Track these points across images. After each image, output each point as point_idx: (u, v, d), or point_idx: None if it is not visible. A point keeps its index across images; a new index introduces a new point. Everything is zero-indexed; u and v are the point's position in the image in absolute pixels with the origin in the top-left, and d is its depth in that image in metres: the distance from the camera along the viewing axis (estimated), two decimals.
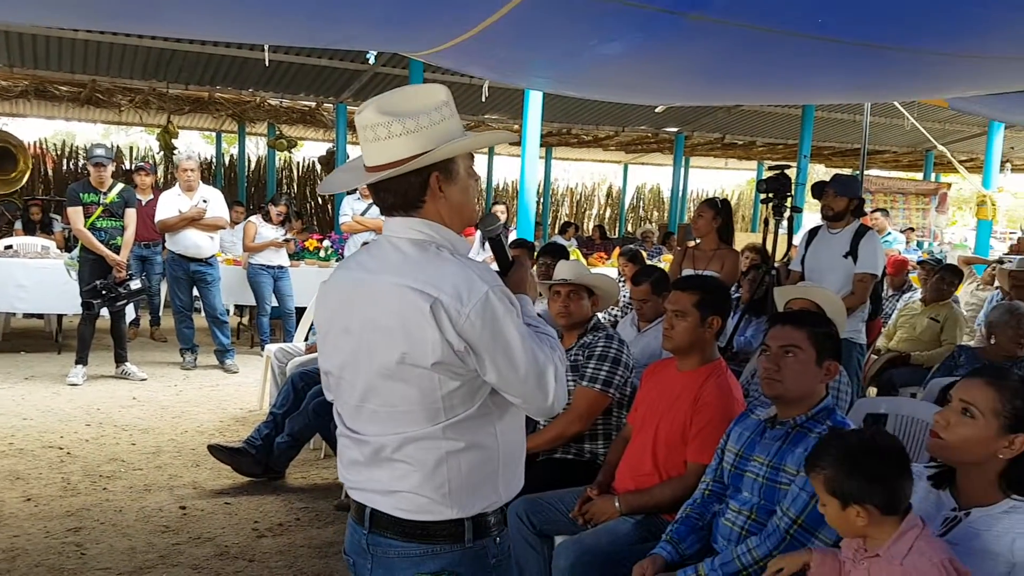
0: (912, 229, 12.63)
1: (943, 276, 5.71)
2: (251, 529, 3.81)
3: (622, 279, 6.53)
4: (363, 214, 7.35)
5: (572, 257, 7.87)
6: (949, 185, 14.54)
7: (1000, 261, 7.95)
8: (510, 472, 1.67)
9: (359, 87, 10.28)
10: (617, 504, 2.61)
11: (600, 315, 3.83)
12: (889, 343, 5.82)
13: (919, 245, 12.52)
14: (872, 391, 5.58)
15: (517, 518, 2.75)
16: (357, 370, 1.62)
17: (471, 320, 1.49)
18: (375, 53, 7.91)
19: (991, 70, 4.64)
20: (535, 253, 5.56)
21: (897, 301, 6.62)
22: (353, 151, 16.20)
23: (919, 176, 16.11)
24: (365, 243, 6.02)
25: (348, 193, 7.58)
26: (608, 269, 8.46)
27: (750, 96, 7.98)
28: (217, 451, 4.44)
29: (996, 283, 6.77)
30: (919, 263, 7.67)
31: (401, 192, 1.59)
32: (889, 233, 9.64)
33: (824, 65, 4.73)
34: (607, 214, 20.12)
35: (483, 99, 8.51)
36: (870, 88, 6.54)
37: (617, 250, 9.27)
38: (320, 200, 16.91)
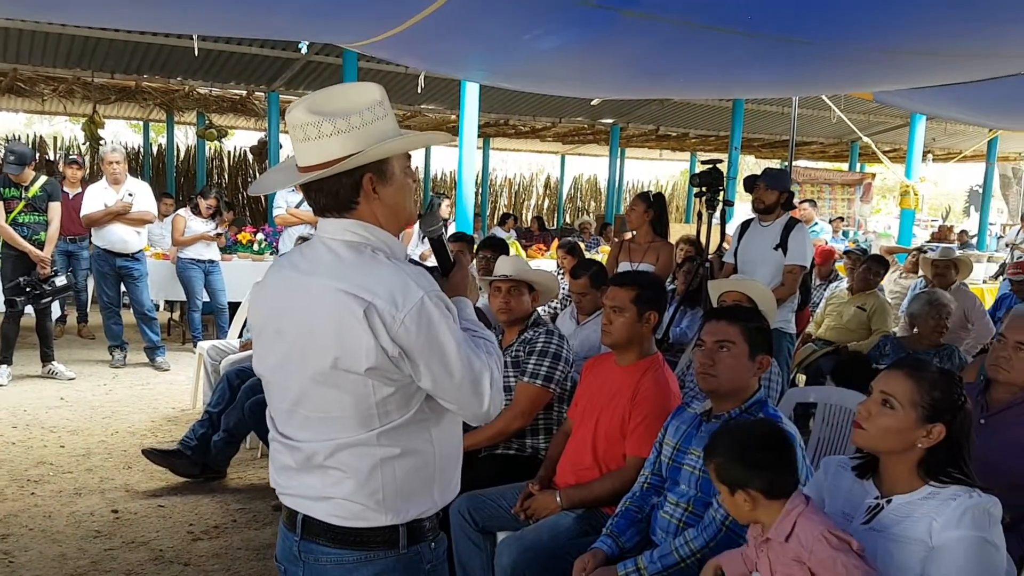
0: (840, 219, 13.04)
1: (869, 266, 5.91)
2: (186, 532, 3.74)
3: (561, 271, 6.58)
4: (298, 207, 7.23)
5: (512, 250, 7.92)
6: (873, 175, 15.06)
7: (921, 250, 8.28)
8: (446, 477, 1.67)
9: (291, 75, 10.09)
10: (558, 499, 2.65)
11: (540, 308, 3.86)
12: (817, 331, 6.01)
13: (845, 234, 12.94)
14: (802, 378, 5.76)
15: (459, 515, 2.77)
16: (289, 374, 1.60)
17: (406, 326, 1.48)
18: (307, 43, 7.77)
19: (915, 65, 4.82)
20: (475, 247, 5.56)
21: (824, 290, 6.83)
22: (286, 140, 15.94)
23: (844, 167, 16.63)
24: (301, 237, 5.88)
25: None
26: (547, 261, 8.53)
27: (683, 91, 8.13)
28: (152, 455, 4.33)
29: (920, 271, 7.04)
30: (845, 253, 7.92)
31: (333, 193, 1.56)
32: (816, 223, 9.95)
33: (754, 60, 4.85)
34: (545, 204, 20.22)
35: (419, 90, 8.44)
36: (799, 83, 6.72)
37: (556, 241, 9.34)
38: None
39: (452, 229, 6.93)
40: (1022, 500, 2.31)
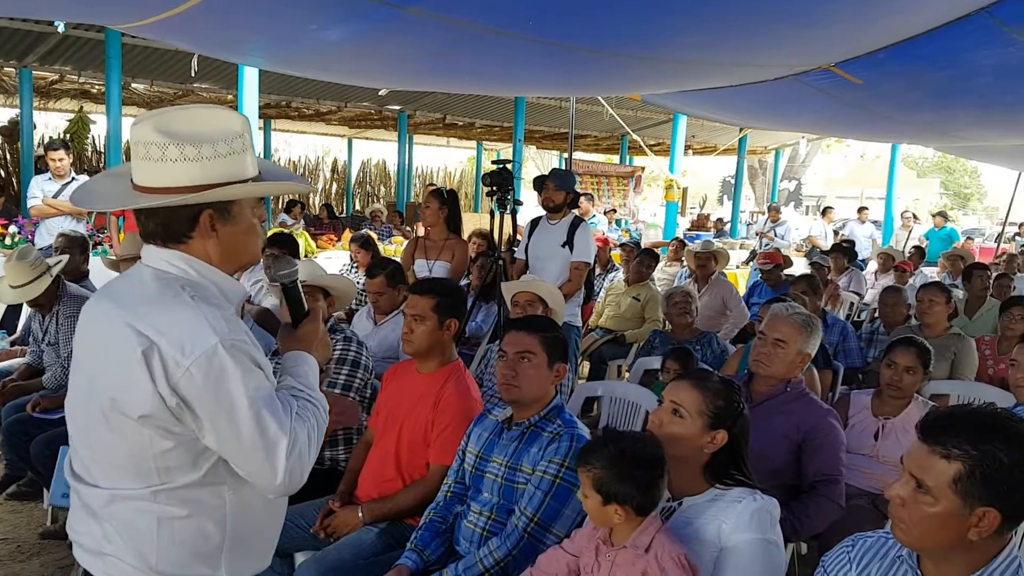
0: (613, 210, 13.90)
1: (642, 259, 6.38)
2: None
3: (355, 265, 6.46)
4: (56, 196, 6.49)
5: (301, 242, 7.63)
6: (643, 168, 16.22)
7: (680, 240, 9.05)
8: (241, 552, 1.51)
9: (47, 51, 9.02)
10: (360, 514, 2.60)
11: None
12: (598, 320, 6.40)
13: (619, 223, 13.83)
14: (585, 365, 6.11)
15: None
16: (77, 409, 1.47)
17: (191, 374, 1.34)
18: (63, 22, 6.99)
19: (675, 71, 5.26)
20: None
21: (604, 280, 7.27)
22: (41, 119, 14.20)
23: (616, 159, 17.75)
24: (62, 234, 5.28)
25: (37, 172, 6.67)
26: (339, 252, 8.31)
27: (467, 86, 8.29)
28: None
29: (684, 262, 7.69)
30: (621, 245, 8.48)
31: (164, 222, 1.43)
32: (594, 216, 10.55)
33: (534, 63, 5.05)
34: (333, 189, 19.67)
35: (193, 73, 7.88)
36: (575, 85, 7.10)
37: (348, 232, 9.13)
38: (3, 174, 14.61)
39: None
40: (781, 483, 2.62)
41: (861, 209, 14.27)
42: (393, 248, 8.81)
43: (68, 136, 10.58)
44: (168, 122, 1.39)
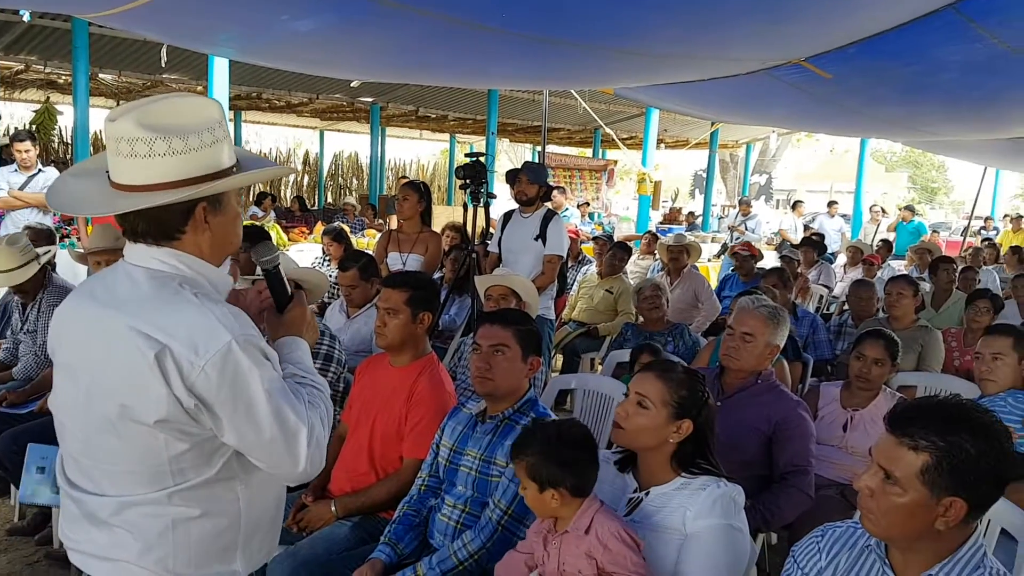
0: (586, 204, 13.93)
1: (615, 253, 6.40)
2: None
3: (327, 258, 6.41)
4: (22, 188, 6.36)
5: (272, 234, 7.56)
6: (616, 162, 16.27)
7: (653, 233, 9.10)
8: (256, 541, 1.53)
9: (12, 40, 8.83)
10: (333, 508, 2.59)
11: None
12: (571, 313, 6.41)
13: (592, 216, 13.87)
14: (558, 357, 6.12)
15: None
16: (74, 417, 1.42)
17: (206, 374, 1.32)
18: (29, 12, 6.84)
19: (647, 65, 5.28)
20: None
21: (577, 273, 7.29)
22: (6, 109, 13.89)
23: (589, 152, 17.80)
24: (27, 226, 5.16)
25: (2, 164, 6.53)
26: (311, 245, 8.25)
27: (439, 79, 8.24)
28: None
29: (656, 255, 7.74)
30: (594, 239, 8.50)
31: (157, 220, 1.38)
32: (567, 209, 10.57)
33: (506, 56, 5.04)
34: (305, 182, 19.50)
35: (162, 63, 7.76)
36: (547, 77, 7.09)
37: (320, 225, 9.07)
38: None
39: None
40: (752, 474, 2.65)
41: (831, 203, 14.43)
42: (366, 241, 8.76)
43: (34, 127, 10.35)
44: (150, 115, 1.35)
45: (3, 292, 4.71)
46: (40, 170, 6.45)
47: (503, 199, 7.60)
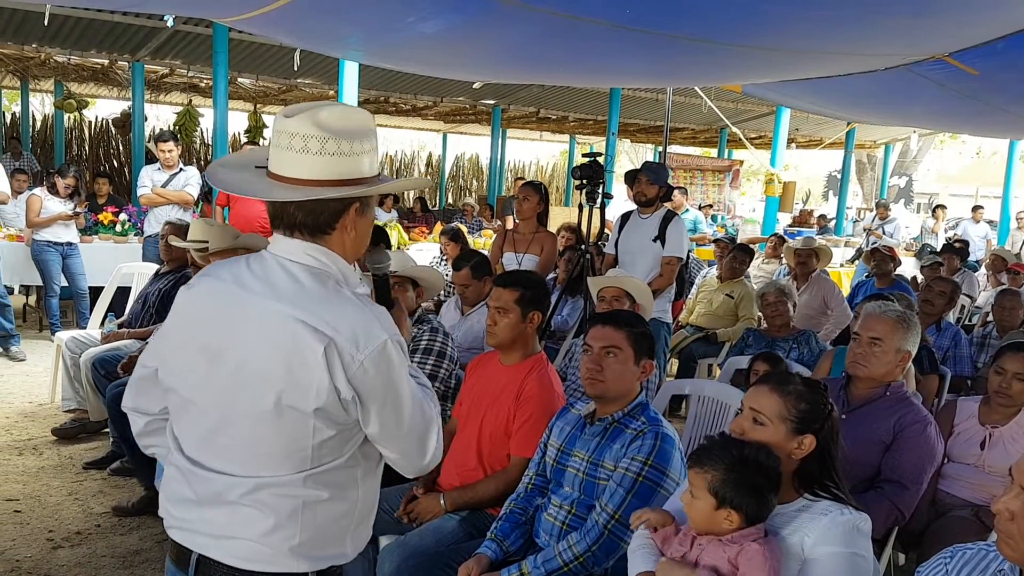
0: (709, 205, 13.58)
1: (736, 255, 6.19)
2: (45, 539, 3.49)
3: (444, 257, 6.53)
4: (164, 186, 6.82)
5: (394, 233, 7.79)
6: (741, 162, 15.76)
7: (779, 236, 8.74)
8: (364, 527, 1.60)
9: (158, 45, 9.49)
10: (442, 501, 2.62)
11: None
12: (689, 318, 6.25)
13: (714, 219, 13.50)
14: (674, 362, 5.99)
15: None
16: (214, 399, 1.46)
17: (364, 368, 1.40)
18: (173, 16, 7.32)
19: (778, 61, 5.08)
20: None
21: (697, 276, 7.11)
22: (152, 111, 14.96)
23: (714, 152, 17.32)
24: (168, 222, 5.51)
25: (148, 162, 7.02)
26: (430, 245, 8.44)
27: (561, 78, 8.24)
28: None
29: (783, 259, 7.43)
30: (715, 241, 8.26)
31: (315, 213, 1.46)
32: (687, 210, 10.32)
33: (629, 53, 4.96)
34: None
35: (295, 67, 8.13)
36: (672, 75, 6.95)
37: (439, 225, 9.26)
38: (116, 163, 15.51)
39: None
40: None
41: (975, 208, 13.50)
42: (483, 241, 8.86)
43: (177, 128, 11.08)
44: (324, 118, 1.43)
45: (144, 283, 5.05)
46: (181, 169, 6.90)
47: (619, 200, 7.51)
